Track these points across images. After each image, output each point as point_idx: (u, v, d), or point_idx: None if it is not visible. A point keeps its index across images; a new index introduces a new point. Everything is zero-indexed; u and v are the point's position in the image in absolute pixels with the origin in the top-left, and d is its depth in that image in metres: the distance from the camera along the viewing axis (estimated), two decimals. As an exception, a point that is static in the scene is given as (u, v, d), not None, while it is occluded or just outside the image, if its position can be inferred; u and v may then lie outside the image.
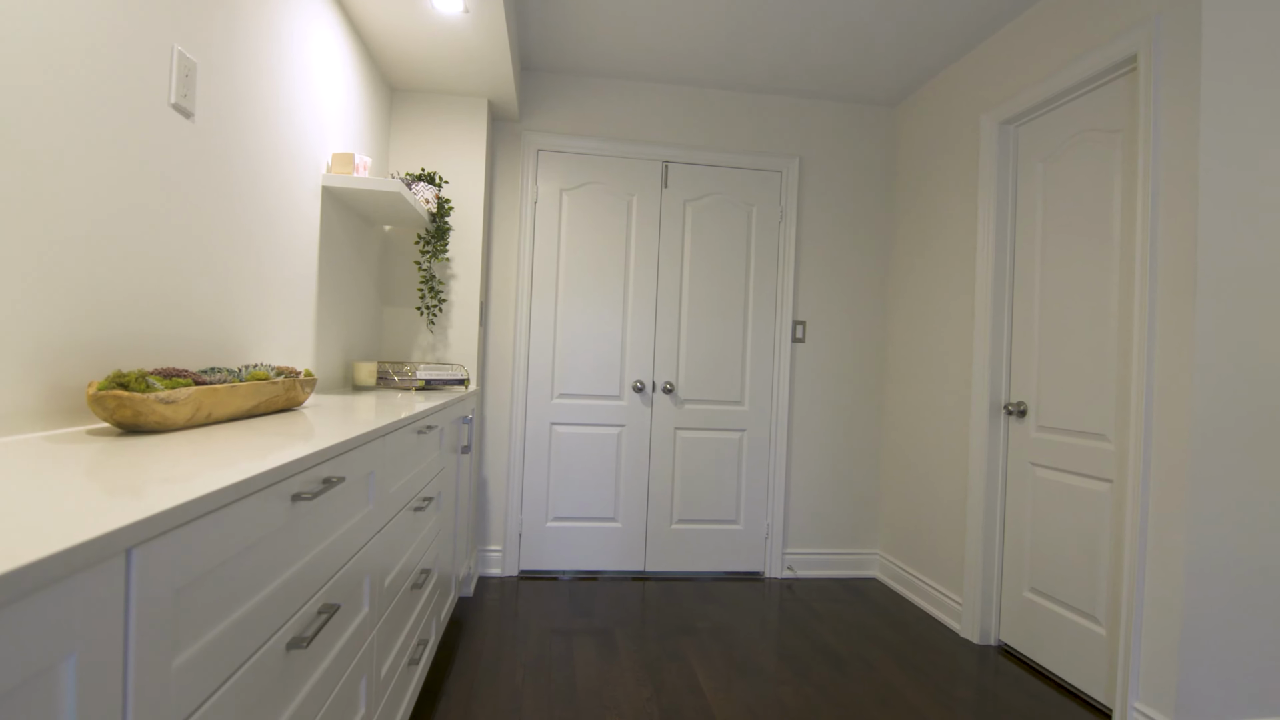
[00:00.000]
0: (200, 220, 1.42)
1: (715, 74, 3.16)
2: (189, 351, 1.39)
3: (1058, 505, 2.33)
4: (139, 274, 1.22)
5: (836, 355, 3.42)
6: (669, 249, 3.29)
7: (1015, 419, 2.56)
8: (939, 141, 3.06)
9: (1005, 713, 2.10)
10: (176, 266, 1.33)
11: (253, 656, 0.78)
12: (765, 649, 2.50)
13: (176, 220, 1.33)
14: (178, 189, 1.33)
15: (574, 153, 3.22)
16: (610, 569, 3.26)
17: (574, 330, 3.22)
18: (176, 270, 1.33)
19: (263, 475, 0.75)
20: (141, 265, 1.23)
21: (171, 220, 1.31)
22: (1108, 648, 2.10)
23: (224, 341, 1.53)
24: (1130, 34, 2.02)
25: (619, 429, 3.25)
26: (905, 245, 3.31)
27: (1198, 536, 1.81)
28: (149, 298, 1.25)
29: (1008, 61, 2.61)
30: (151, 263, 1.26)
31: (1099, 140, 2.22)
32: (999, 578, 2.62)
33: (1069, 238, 2.34)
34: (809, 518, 3.39)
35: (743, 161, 3.33)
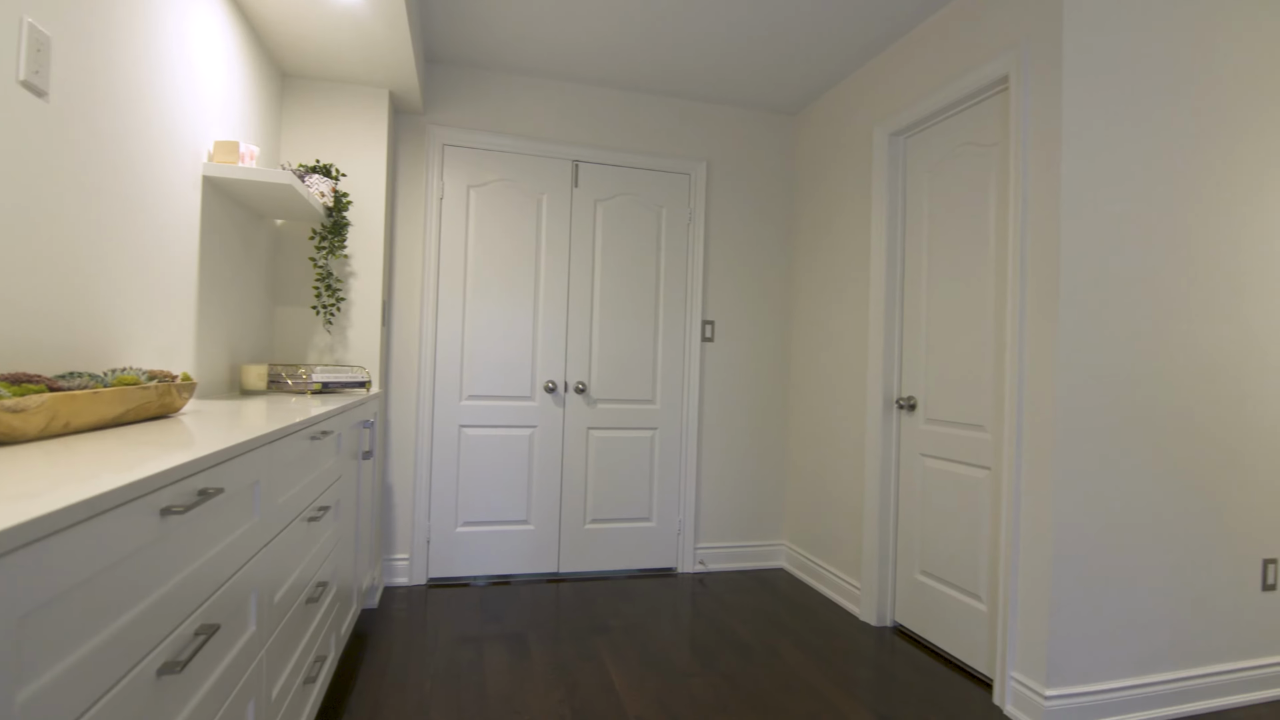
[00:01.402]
0: (57, 210, 1.28)
1: (626, 76, 3.18)
2: (44, 356, 1.26)
3: (944, 492, 2.50)
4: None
5: (744, 354, 3.52)
6: (580, 248, 3.28)
7: (906, 413, 2.73)
8: (836, 150, 3.21)
9: (899, 689, 2.23)
10: (29, 263, 1.20)
11: (117, 685, 0.71)
12: (677, 643, 2.54)
13: (28, 211, 1.20)
14: (29, 175, 1.20)
15: (482, 149, 3.16)
16: (524, 572, 3.22)
17: (483, 330, 3.15)
18: (29, 267, 1.21)
19: (125, 489, 0.69)
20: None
21: (22, 211, 1.18)
22: (988, 623, 2.27)
23: (87, 344, 1.40)
24: (1002, 56, 2.20)
25: (531, 430, 3.22)
26: (806, 248, 3.45)
27: (1062, 517, 1.99)
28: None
29: (898, 76, 2.77)
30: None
31: (977, 154, 2.40)
32: (893, 562, 2.78)
33: (952, 244, 2.51)
34: (720, 512, 3.47)
35: (653, 163, 3.37)
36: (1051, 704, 1.96)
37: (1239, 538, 2.20)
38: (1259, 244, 2.22)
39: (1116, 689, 2.03)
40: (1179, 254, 2.12)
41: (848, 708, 2.09)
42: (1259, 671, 2.21)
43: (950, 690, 2.23)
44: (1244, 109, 2.20)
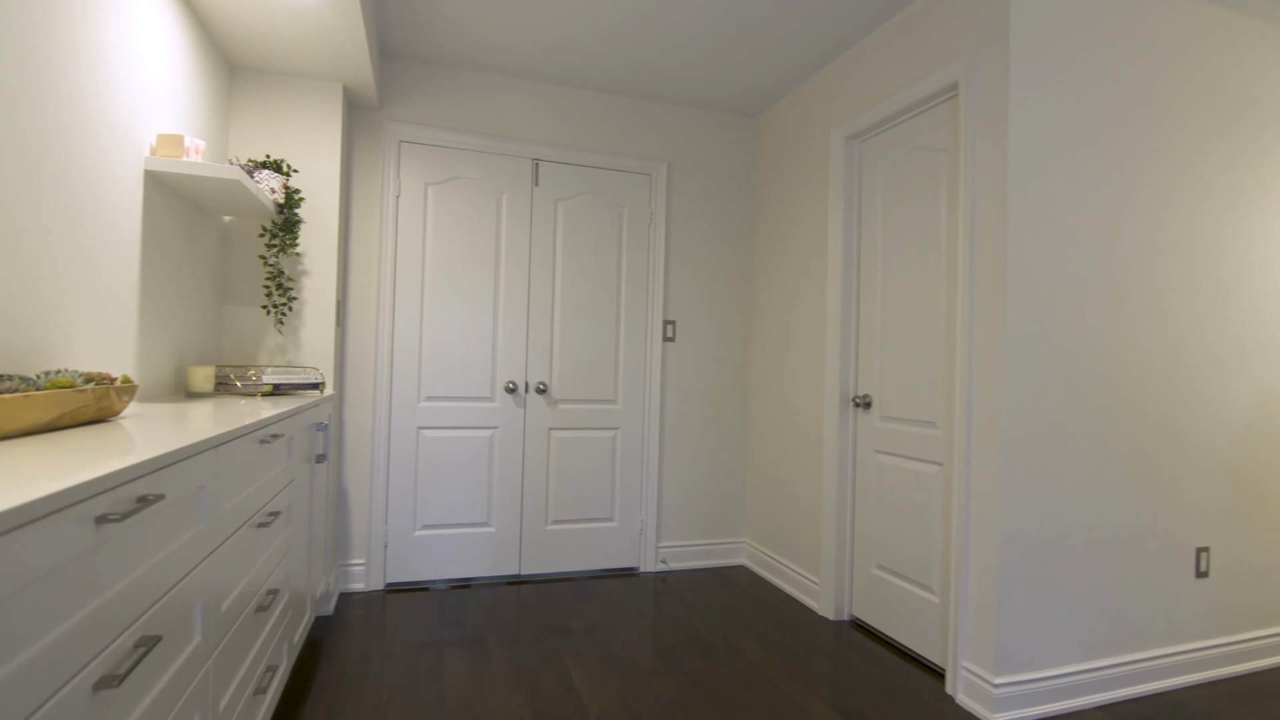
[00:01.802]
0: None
1: (587, 75, 3.18)
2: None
3: (899, 488, 2.56)
4: (-104, 265, 1.03)
5: (705, 353, 3.55)
6: (541, 248, 3.26)
7: (862, 410, 2.78)
8: (795, 152, 3.26)
9: (856, 681, 2.27)
10: (-50, 257, 1.14)
11: (50, 700, 0.68)
12: (639, 642, 2.54)
13: (-51, 203, 1.13)
14: (-50, 166, 1.13)
15: (440, 146, 3.11)
16: (484, 575, 3.18)
17: (442, 330, 3.11)
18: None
19: (56, 496, 0.66)
20: (-100, 255, 1.04)
21: (-58, 203, 1.12)
22: (941, 615, 2.34)
23: (20, 346, 1.33)
24: (952, 64, 2.26)
25: (491, 431, 3.18)
26: (766, 249, 3.50)
27: (1009, 510, 2.06)
28: (-89, 293, 1.06)
29: (853, 81, 2.83)
30: (-86, 252, 1.06)
31: (929, 158, 2.46)
32: (850, 557, 2.83)
33: (906, 246, 2.57)
34: (681, 511, 3.49)
35: (614, 163, 3.37)
36: (1000, 691, 2.02)
37: (1174, 527, 2.31)
38: (1191, 250, 2.33)
39: (1061, 675, 2.11)
40: (1118, 258, 2.21)
41: (807, 701, 2.13)
42: (1194, 655, 2.32)
43: (905, 681, 2.28)
44: (1181, 120, 2.31)
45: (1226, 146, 2.40)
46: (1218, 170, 2.39)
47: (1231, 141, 2.41)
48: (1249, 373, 2.44)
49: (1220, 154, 2.39)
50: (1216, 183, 2.38)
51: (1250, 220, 2.45)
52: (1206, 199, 2.37)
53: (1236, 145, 2.42)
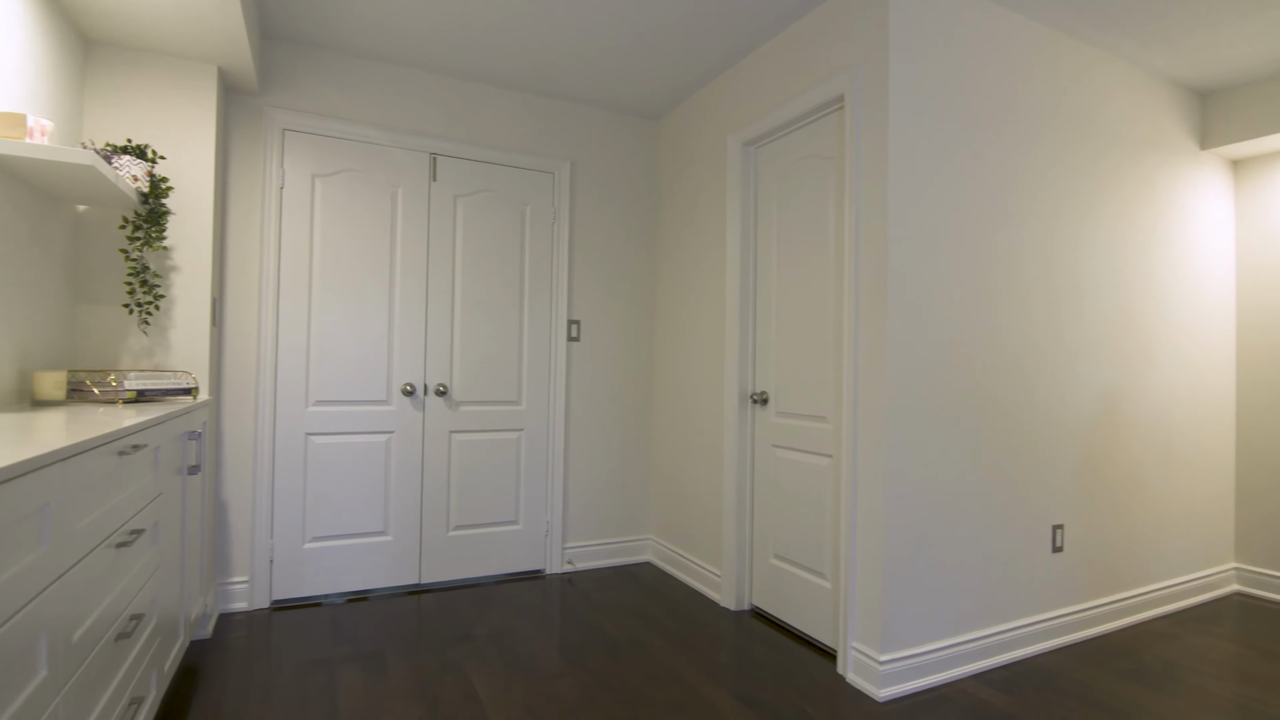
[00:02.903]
0: None
1: (489, 70, 3.11)
2: None
3: (794, 480, 2.67)
4: None
5: (610, 353, 3.56)
6: (439, 245, 3.16)
7: (759, 407, 2.89)
8: (694, 156, 3.33)
9: (755, 669, 2.35)
10: None
11: None
12: (544, 645, 2.52)
13: None
14: None
15: (330, 136, 2.95)
16: (382, 586, 3.05)
17: (333, 331, 2.95)
18: None
19: None
20: None
21: None
22: (833, 599, 2.46)
23: None
24: (839, 77, 2.39)
25: (387, 436, 3.05)
26: (668, 250, 3.56)
27: (891, 497, 2.20)
28: None
29: (750, 89, 2.92)
30: None
31: (819, 165, 2.59)
32: (750, 549, 2.93)
33: (798, 249, 2.69)
34: (588, 511, 3.49)
35: (516, 160, 3.32)
36: (885, 668, 2.16)
37: (1034, 507, 2.54)
38: (1051, 253, 2.58)
39: (939, 649, 2.27)
40: (985, 262, 2.41)
41: (709, 691, 2.18)
42: (1052, 622, 2.57)
43: (801, 665, 2.39)
44: (1039, 140, 2.54)
45: (1077, 164, 2.67)
46: (1071, 185, 2.65)
47: (1081, 160, 2.69)
48: (1095, 367, 2.73)
49: (1072, 171, 2.66)
50: (1069, 196, 2.65)
51: (1097, 230, 2.74)
52: (1061, 211, 2.62)
53: (1085, 163, 2.70)
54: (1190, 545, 3.09)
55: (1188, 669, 2.41)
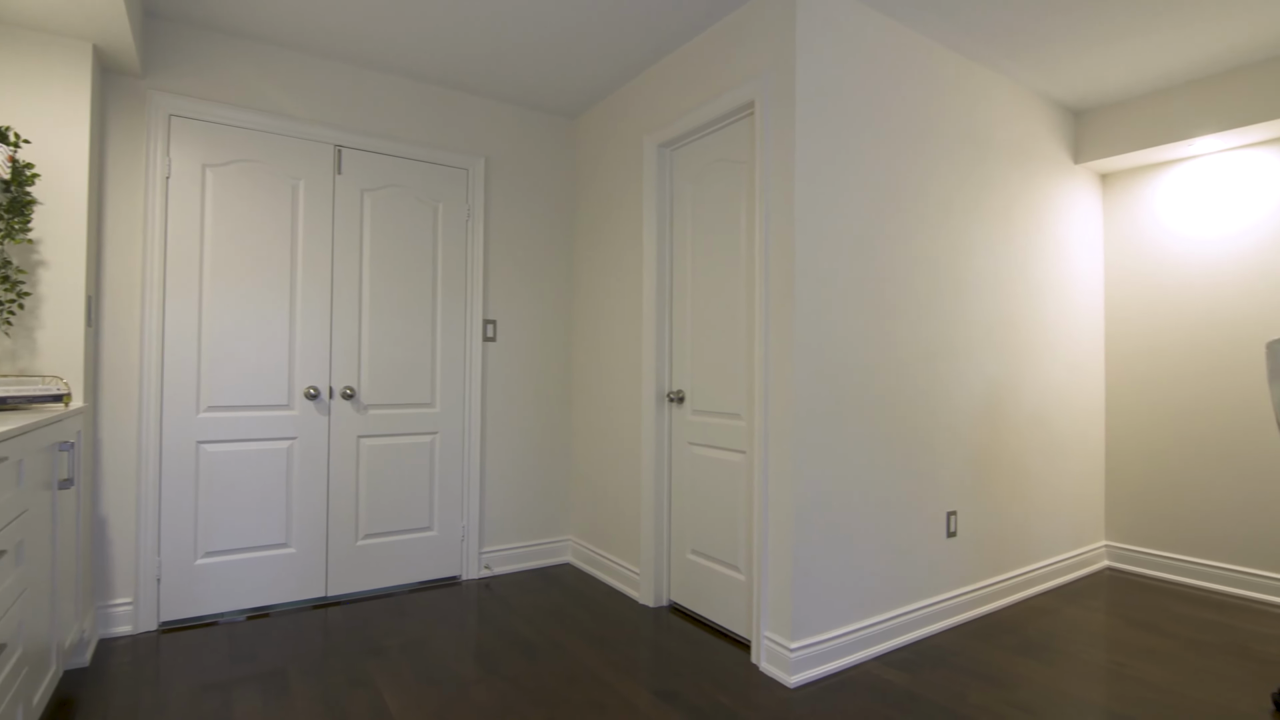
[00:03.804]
0: None
1: (399, 60, 3.00)
2: None
3: (709, 476, 2.72)
4: None
5: (528, 353, 3.52)
6: (345, 241, 3.03)
7: (676, 405, 2.93)
8: (612, 156, 3.34)
9: (673, 663, 2.39)
10: None
11: None
12: (459, 653, 2.46)
13: None
14: None
15: (222, 124, 2.77)
16: (285, 601, 2.89)
17: (226, 332, 2.77)
18: None
19: None
20: None
21: None
22: (746, 591, 2.53)
23: None
24: (749, 83, 2.45)
25: (289, 442, 2.89)
26: (586, 249, 3.55)
27: (800, 490, 2.28)
28: None
29: (665, 91, 2.96)
30: None
31: (731, 169, 2.65)
32: (668, 546, 2.97)
33: (713, 250, 2.75)
34: (506, 514, 3.43)
35: (428, 155, 3.22)
36: (795, 655, 2.24)
37: (930, 496, 2.70)
38: (943, 257, 2.75)
39: (846, 633, 2.38)
40: (884, 263, 2.54)
41: (628, 689, 2.19)
42: (947, 603, 2.73)
43: (717, 657, 2.44)
44: (938, 146, 2.70)
45: (965, 173, 2.86)
46: (959, 193, 2.83)
47: (969, 169, 2.87)
48: (983, 363, 2.93)
49: (961, 180, 2.84)
50: (958, 204, 2.83)
51: (982, 236, 2.93)
52: (952, 217, 2.80)
53: (972, 173, 2.89)
54: (1067, 525, 3.37)
55: (1065, 640, 2.62)
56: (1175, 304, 3.38)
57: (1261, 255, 3.10)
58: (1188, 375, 3.33)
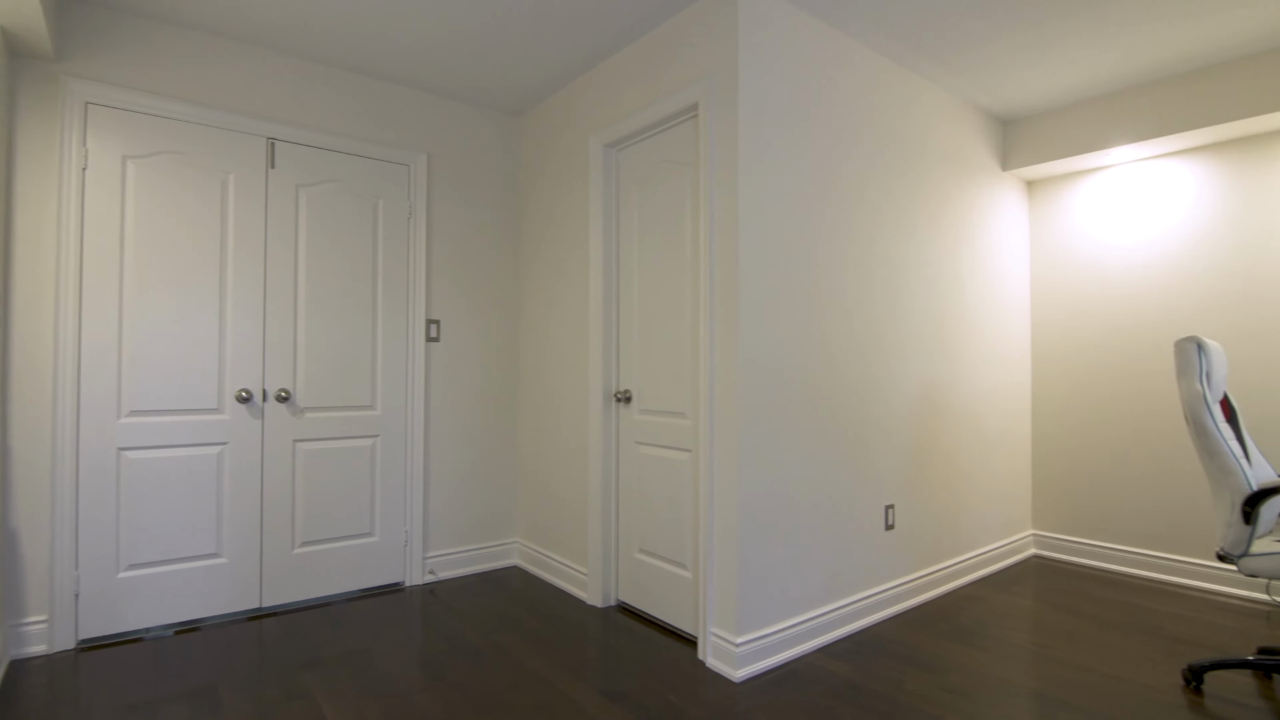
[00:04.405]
0: None
1: (338, 52, 2.91)
2: None
3: (656, 475, 2.74)
4: None
5: (473, 353, 3.47)
6: (280, 238, 2.92)
7: (623, 405, 2.94)
8: (558, 155, 3.32)
9: (621, 663, 2.39)
10: None
11: None
12: (402, 661, 2.41)
13: None
14: None
15: (144, 113, 2.63)
16: (217, 614, 2.77)
17: (150, 333, 2.63)
18: None
19: None
20: None
21: None
22: (693, 588, 2.56)
23: None
24: (693, 86, 2.48)
25: (219, 448, 2.77)
26: (532, 248, 3.52)
27: (744, 487, 2.32)
28: None
29: (611, 91, 2.96)
30: None
31: (677, 170, 2.67)
32: (616, 545, 2.97)
33: (659, 251, 2.76)
34: (450, 517, 3.37)
35: (367, 150, 3.13)
36: (741, 649, 2.27)
37: (869, 490, 2.78)
38: (880, 259, 2.83)
39: (789, 627, 2.43)
40: (825, 264, 2.60)
41: (575, 690, 2.19)
42: (886, 594, 2.83)
43: (664, 654, 2.46)
44: (874, 151, 2.78)
45: (901, 178, 2.96)
46: (895, 197, 2.93)
47: (904, 174, 2.97)
48: (915, 361, 3.03)
49: (897, 184, 2.94)
50: (894, 208, 2.92)
51: (916, 239, 3.04)
52: (887, 221, 2.89)
53: (908, 178, 2.99)
54: (996, 516, 3.53)
55: (995, 626, 2.75)
56: (1095, 306, 3.58)
57: (1172, 260, 3.31)
58: (1106, 373, 3.53)
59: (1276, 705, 2.09)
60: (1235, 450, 2.07)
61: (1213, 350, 2.17)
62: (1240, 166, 3.11)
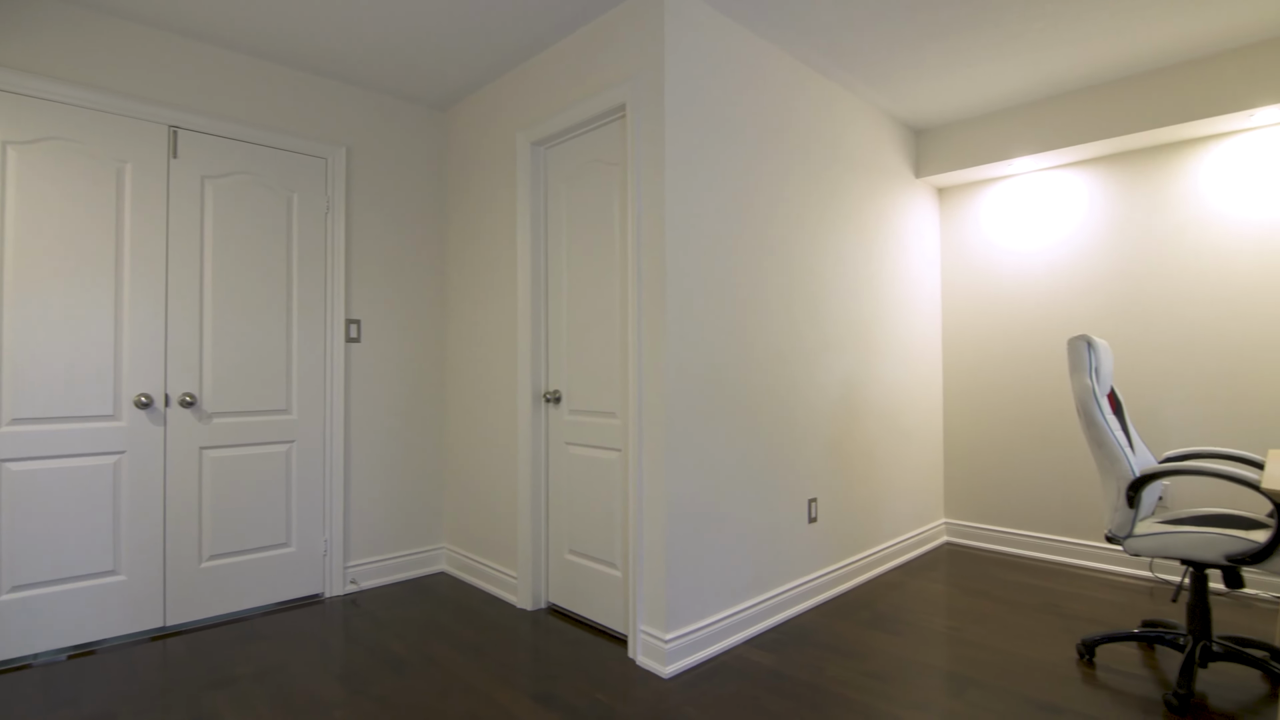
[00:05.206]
0: None
1: (248, 38, 2.75)
2: None
3: (586, 476, 2.73)
4: None
5: (397, 354, 3.36)
6: (184, 232, 2.74)
7: (553, 405, 2.91)
8: (485, 152, 3.26)
9: (551, 665, 2.37)
10: None
11: None
12: (322, 675, 2.31)
13: None
14: None
15: (27, 95, 2.42)
16: (115, 635, 2.58)
17: (34, 334, 2.42)
18: None
19: None
20: None
21: None
22: (623, 587, 2.56)
23: None
24: (620, 86, 2.48)
25: (116, 457, 2.58)
26: (459, 247, 3.45)
27: (673, 485, 2.34)
28: None
29: (539, 88, 2.93)
30: None
31: (605, 170, 2.67)
32: (546, 547, 2.95)
33: (588, 250, 2.76)
34: (374, 524, 3.26)
35: (281, 141, 2.99)
36: (670, 645, 2.30)
37: (793, 485, 2.87)
38: (803, 261, 2.92)
39: (717, 621, 2.47)
40: (750, 265, 2.66)
41: (504, 695, 2.16)
42: (810, 585, 2.92)
43: (595, 654, 2.46)
44: (796, 155, 2.86)
45: (821, 182, 3.06)
46: (816, 201, 3.03)
47: (824, 178, 3.08)
48: (835, 360, 3.15)
49: (818, 188, 3.04)
50: (816, 211, 3.02)
51: (836, 241, 3.15)
52: (808, 223, 2.98)
53: (827, 181, 3.10)
54: (911, 506, 3.70)
55: (911, 611, 2.88)
56: (999, 308, 3.80)
57: (1068, 264, 3.56)
58: (1010, 371, 3.76)
59: (1158, 673, 2.29)
60: (1121, 440, 2.24)
61: (1101, 347, 2.35)
62: (1127, 178, 3.38)
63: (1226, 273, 3.08)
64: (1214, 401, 3.10)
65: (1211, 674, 2.28)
